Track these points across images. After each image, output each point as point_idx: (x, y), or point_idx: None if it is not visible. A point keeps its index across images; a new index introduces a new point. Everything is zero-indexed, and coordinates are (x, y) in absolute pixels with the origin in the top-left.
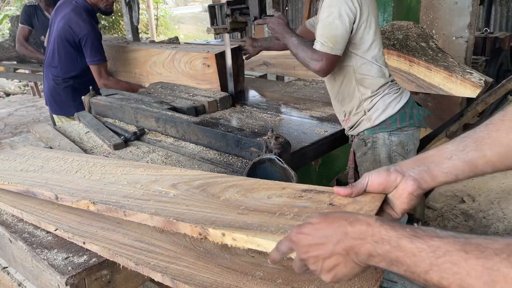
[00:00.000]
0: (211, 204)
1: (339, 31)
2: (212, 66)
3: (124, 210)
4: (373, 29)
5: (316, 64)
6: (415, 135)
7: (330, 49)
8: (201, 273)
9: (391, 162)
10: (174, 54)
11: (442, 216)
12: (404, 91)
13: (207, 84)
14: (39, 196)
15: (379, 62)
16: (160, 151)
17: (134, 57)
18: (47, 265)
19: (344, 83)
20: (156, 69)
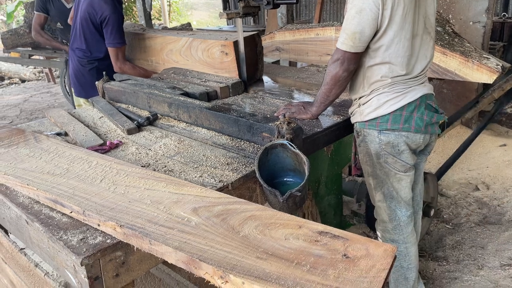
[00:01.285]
0: (231, 241)
1: (360, 27)
2: (230, 54)
3: (150, 240)
4: (398, 25)
5: (338, 65)
6: (410, 138)
7: (350, 47)
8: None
9: (380, 159)
10: (191, 42)
11: (455, 204)
12: (410, 93)
13: (225, 73)
14: (67, 207)
15: (397, 61)
16: (172, 136)
17: (150, 45)
18: (62, 246)
19: (354, 74)
20: (173, 57)
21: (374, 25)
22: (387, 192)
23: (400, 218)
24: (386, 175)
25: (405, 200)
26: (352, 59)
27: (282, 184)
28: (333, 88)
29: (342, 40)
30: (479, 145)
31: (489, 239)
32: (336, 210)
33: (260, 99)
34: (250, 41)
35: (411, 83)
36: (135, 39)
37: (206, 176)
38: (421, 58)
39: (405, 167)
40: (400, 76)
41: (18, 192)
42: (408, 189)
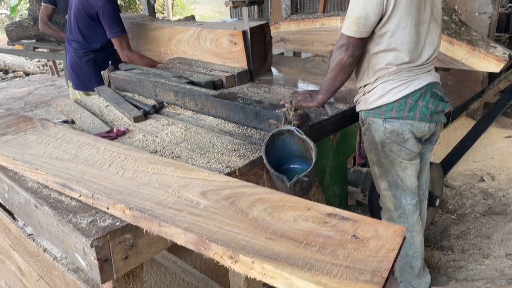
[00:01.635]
0: (240, 223)
1: (364, 12)
2: (239, 44)
3: (159, 221)
4: (404, 10)
5: (343, 50)
6: (415, 126)
7: (354, 32)
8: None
9: (385, 147)
10: (199, 32)
11: (460, 195)
12: (415, 81)
13: (234, 63)
14: (76, 191)
15: (403, 48)
16: (179, 124)
17: (158, 35)
18: (72, 228)
19: (359, 61)
20: (181, 47)
21: (379, 10)
22: (392, 181)
23: (405, 206)
24: (391, 163)
25: (410, 189)
26: (357, 44)
27: (289, 171)
28: (338, 74)
29: (346, 25)
30: (484, 137)
31: (494, 229)
32: (341, 200)
33: (266, 88)
34: (259, 30)
35: (417, 71)
36: (143, 30)
37: (213, 162)
38: (428, 45)
39: (410, 156)
40: (405, 64)
41: (26, 177)
42: (413, 177)
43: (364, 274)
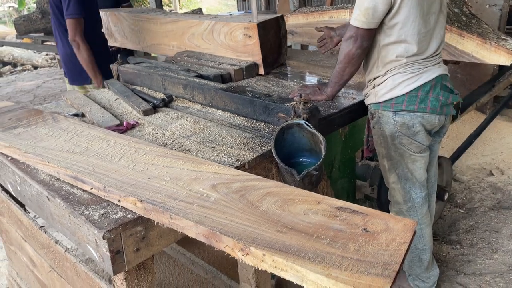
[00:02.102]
0: (250, 216)
1: (373, 2)
2: (253, 37)
3: (170, 214)
4: (413, 1)
5: (352, 42)
6: (425, 118)
7: (362, 23)
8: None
9: (395, 140)
10: (213, 25)
11: (469, 189)
12: (426, 73)
13: (248, 57)
14: (87, 184)
15: (413, 39)
16: (188, 117)
17: (172, 29)
18: (84, 220)
19: (368, 53)
20: (195, 41)
21: (387, 0)
22: (401, 173)
23: (415, 199)
24: (401, 156)
25: (419, 181)
26: (366, 35)
27: (298, 164)
28: (347, 66)
29: (355, 16)
30: (493, 131)
31: (504, 224)
32: (349, 194)
33: (274, 82)
34: (274, 24)
35: (426, 63)
36: (156, 24)
37: (222, 155)
38: (436, 36)
39: (420, 148)
40: (415, 56)
41: (38, 170)
42: (423, 170)
43: (375, 267)
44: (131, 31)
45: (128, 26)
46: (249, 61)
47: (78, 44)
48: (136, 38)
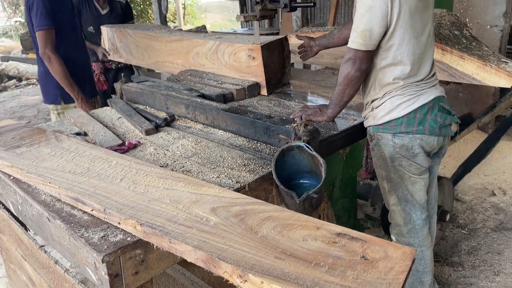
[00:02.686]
0: (249, 241)
1: (370, 24)
2: (257, 59)
3: (170, 238)
4: (408, 23)
5: (350, 64)
6: (424, 140)
7: (360, 45)
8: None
9: (394, 162)
10: (218, 45)
11: (471, 209)
12: (423, 95)
13: (252, 77)
14: (88, 205)
15: (408, 60)
16: (190, 137)
17: (177, 47)
18: (84, 243)
19: (366, 77)
20: (199, 60)
21: (384, 22)
22: (401, 195)
23: (415, 221)
24: (401, 178)
25: (420, 203)
26: (364, 57)
27: (298, 186)
28: (346, 88)
29: (352, 39)
30: (495, 150)
31: (506, 245)
32: (351, 213)
33: (276, 102)
34: (278, 45)
35: (423, 86)
36: (161, 42)
37: (223, 177)
38: (428, 58)
39: (420, 170)
40: (411, 78)
41: (40, 190)
42: (423, 192)
43: None
44: (136, 48)
45: (133, 42)
46: (251, 81)
47: (49, 56)
48: (141, 54)
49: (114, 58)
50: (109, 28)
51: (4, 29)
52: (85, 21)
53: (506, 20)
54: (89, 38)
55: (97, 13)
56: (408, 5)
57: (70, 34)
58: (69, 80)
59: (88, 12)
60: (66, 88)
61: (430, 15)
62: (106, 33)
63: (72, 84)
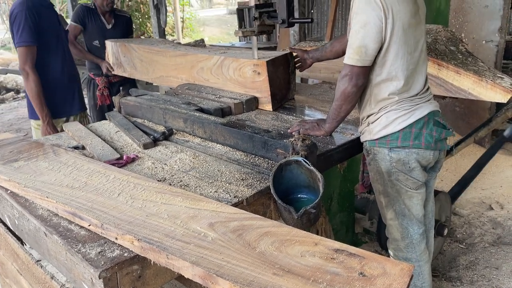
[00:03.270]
0: (247, 257)
1: (365, 40)
2: (262, 74)
3: (167, 254)
4: (401, 40)
5: (347, 80)
6: (421, 154)
7: (356, 61)
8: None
9: (391, 176)
10: (222, 60)
11: (469, 223)
12: (418, 110)
13: (257, 93)
14: (85, 220)
15: (402, 75)
16: (188, 151)
17: (181, 62)
18: (81, 258)
19: (361, 92)
20: (204, 75)
21: (379, 38)
22: (398, 210)
23: (413, 235)
24: (398, 192)
25: (417, 218)
26: (360, 73)
27: (296, 201)
28: (343, 104)
29: (348, 55)
30: (492, 164)
31: (504, 260)
32: (348, 227)
33: (274, 116)
34: (283, 60)
35: (418, 101)
36: (166, 56)
37: (221, 191)
38: (421, 73)
39: (417, 184)
40: (406, 93)
41: (37, 204)
42: (420, 206)
43: None
44: (140, 62)
45: (138, 57)
46: (249, 95)
47: (27, 73)
48: (145, 69)
49: (118, 73)
50: (113, 42)
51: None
52: (90, 35)
53: (501, 35)
54: (94, 52)
55: (103, 27)
56: (402, 22)
57: (56, 49)
58: (41, 100)
59: (93, 26)
60: (36, 107)
61: (422, 31)
62: (111, 47)
63: (43, 104)
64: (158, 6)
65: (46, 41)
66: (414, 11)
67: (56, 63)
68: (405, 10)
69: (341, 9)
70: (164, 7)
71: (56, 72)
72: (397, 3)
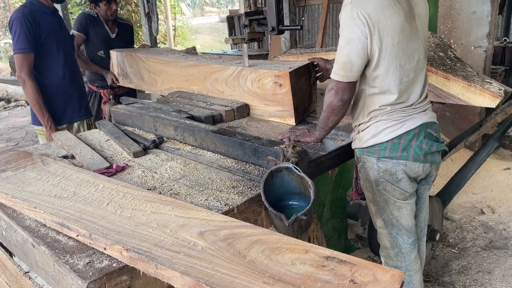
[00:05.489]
0: (237, 266)
1: (350, 57)
2: (285, 86)
3: (156, 264)
4: (393, 54)
5: (333, 94)
6: (408, 166)
7: (342, 77)
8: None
9: (379, 186)
10: (239, 71)
11: (461, 228)
12: (409, 121)
13: (278, 106)
14: (73, 231)
15: (395, 89)
16: (178, 159)
17: (193, 73)
18: (69, 269)
19: (355, 101)
20: (218, 87)
21: (363, 54)
22: (387, 219)
23: (401, 245)
24: (386, 202)
25: (406, 228)
26: (346, 89)
27: (288, 208)
28: (330, 116)
29: (334, 71)
30: (483, 169)
31: (496, 264)
32: (341, 233)
33: (265, 122)
34: (305, 70)
35: (411, 111)
36: (176, 67)
37: (211, 199)
38: (418, 83)
39: (404, 195)
40: (399, 104)
41: (25, 215)
42: (409, 216)
43: None
44: (148, 73)
45: (145, 67)
46: (241, 102)
47: (24, 80)
48: (153, 80)
49: (124, 84)
50: (118, 52)
51: None
52: (94, 45)
53: (489, 41)
54: (99, 63)
55: (107, 37)
56: (391, 37)
57: (57, 55)
58: (41, 106)
59: (97, 35)
60: (36, 113)
61: (420, 42)
62: (116, 57)
63: (43, 110)
64: (149, 15)
65: (46, 47)
66: (408, 22)
67: (57, 69)
68: (394, 25)
69: (332, 16)
70: (155, 16)
71: (57, 78)
72: (384, 18)
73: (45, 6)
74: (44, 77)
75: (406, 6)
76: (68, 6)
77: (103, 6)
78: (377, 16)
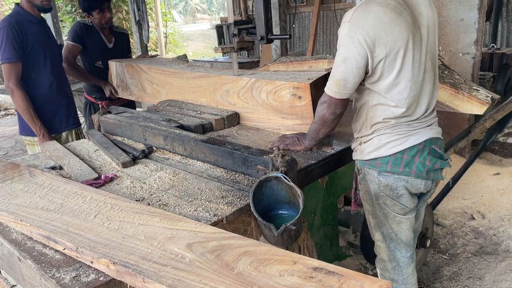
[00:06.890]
0: (225, 278)
1: (344, 74)
2: (305, 98)
3: (143, 277)
4: (397, 68)
5: (325, 107)
6: (410, 182)
7: (334, 93)
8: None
9: (379, 200)
10: (253, 83)
11: (451, 234)
12: (414, 136)
13: (296, 119)
14: (60, 244)
15: (401, 103)
16: (168, 169)
17: (201, 85)
18: (55, 284)
19: (358, 112)
20: (229, 99)
21: (358, 73)
22: (386, 233)
23: (399, 259)
24: (385, 216)
25: (405, 242)
26: (338, 104)
27: (277, 217)
28: (321, 128)
29: (328, 85)
30: (473, 174)
31: (486, 270)
32: (332, 241)
33: (255, 131)
34: (323, 81)
35: (416, 125)
36: (182, 78)
37: (200, 210)
38: (425, 95)
39: (405, 211)
40: (404, 117)
41: (11, 228)
42: (408, 231)
43: None
44: (150, 85)
45: (148, 79)
46: (231, 110)
47: (12, 90)
48: (157, 92)
49: (124, 96)
50: (117, 62)
51: None
52: (91, 56)
53: (477, 48)
54: (97, 74)
55: (104, 46)
56: (394, 52)
57: (44, 65)
58: (32, 115)
59: (94, 45)
60: (28, 122)
61: (426, 53)
62: (115, 68)
63: (34, 119)
64: (140, 22)
65: (33, 57)
66: (411, 34)
67: (44, 78)
68: (396, 39)
69: (322, 24)
70: (146, 23)
71: (44, 88)
72: (385, 34)
73: (32, 16)
74: (31, 87)
75: (409, 17)
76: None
77: (97, 15)
78: (377, 33)
